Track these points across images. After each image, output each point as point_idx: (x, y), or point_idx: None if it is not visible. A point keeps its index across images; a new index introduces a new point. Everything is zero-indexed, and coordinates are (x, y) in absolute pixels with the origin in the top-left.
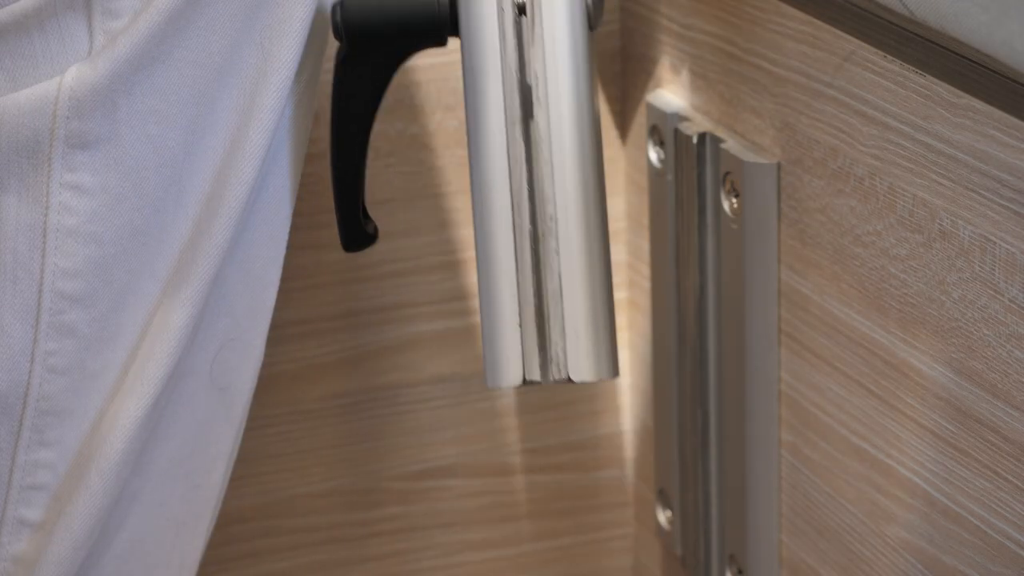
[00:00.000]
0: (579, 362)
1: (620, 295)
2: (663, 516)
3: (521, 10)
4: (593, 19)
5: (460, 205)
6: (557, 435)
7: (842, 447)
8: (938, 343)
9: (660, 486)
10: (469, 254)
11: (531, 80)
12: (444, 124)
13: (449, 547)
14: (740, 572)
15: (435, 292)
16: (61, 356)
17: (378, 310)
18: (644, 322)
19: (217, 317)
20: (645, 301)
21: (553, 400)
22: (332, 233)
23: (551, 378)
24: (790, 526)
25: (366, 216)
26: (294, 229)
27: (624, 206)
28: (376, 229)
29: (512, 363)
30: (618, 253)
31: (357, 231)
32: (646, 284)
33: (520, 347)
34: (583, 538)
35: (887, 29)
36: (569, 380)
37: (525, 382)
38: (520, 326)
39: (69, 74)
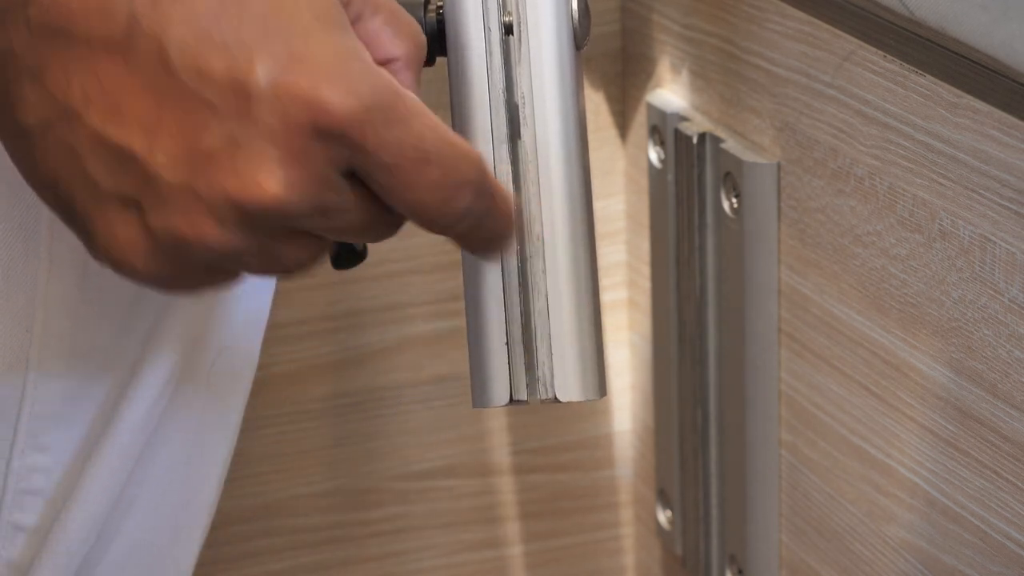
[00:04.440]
0: (566, 382)
1: (620, 295)
2: (663, 516)
3: (508, 30)
4: (579, 38)
5: None
6: (557, 435)
7: (842, 447)
8: (938, 343)
9: (660, 486)
10: None
11: (518, 100)
12: (444, 123)
13: (449, 547)
14: (740, 572)
15: (434, 292)
16: None
17: (377, 310)
18: (644, 322)
19: (216, 325)
20: (645, 301)
21: None
22: None
23: (538, 397)
24: (790, 526)
25: None
26: None
27: (624, 206)
28: (365, 247)
29: (499, 383)
30: (618, 253)
31: (346, 249)
32: (646, 284)
33: (507, 367)
34: (583, 538)
35: (887, 29)
36: (556, 400)
37: (512, 401)
38: (507, 346)
39: None
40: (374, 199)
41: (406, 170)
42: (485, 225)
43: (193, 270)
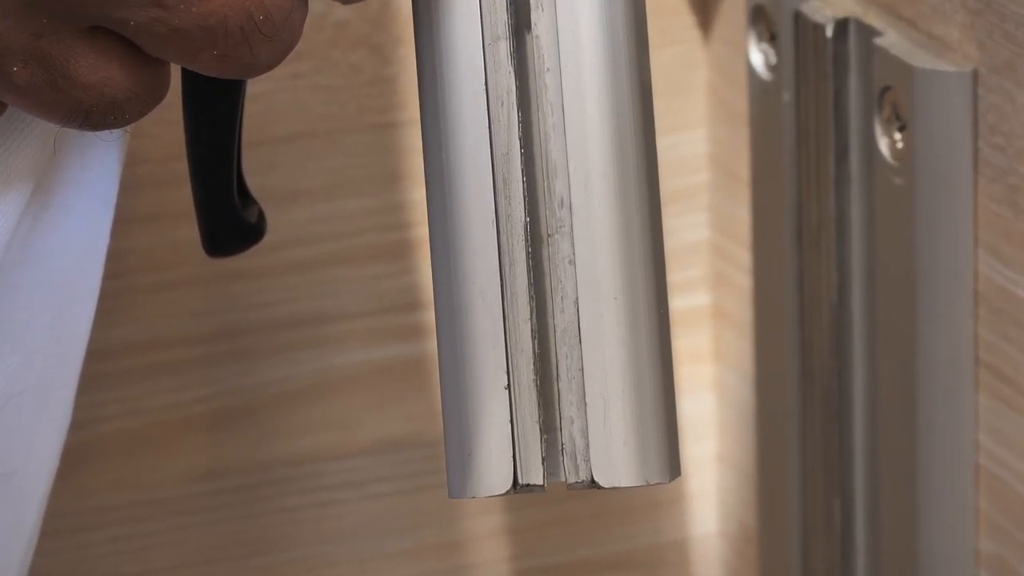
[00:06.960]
0: (611, 456)
1: (700, 299)
2: None
3: None
4: None
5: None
6: (592, 542)
7: None
8: None
9: None
10: None
11: None
12: (393, 4)
13: None
14: None
15: (377, 294)
16: None
17: (281, 326)
18: (740, 345)
19: None
20: (742, 309)
21: None
22: None
23: (564, 480)
24: None
25: (245, 195)
26: (138, 184)
27: (707, 146)
28: (262, 216)
29: (496, 456)
30: (697, 227)
31: (230, 220)
32: (744, 280)
33: (509, 429)
34: None
35: None
36: (593, 484)
37: (517, 487)
38: (508, 390)
39: None
40: None
41: None
42: None
43: None
